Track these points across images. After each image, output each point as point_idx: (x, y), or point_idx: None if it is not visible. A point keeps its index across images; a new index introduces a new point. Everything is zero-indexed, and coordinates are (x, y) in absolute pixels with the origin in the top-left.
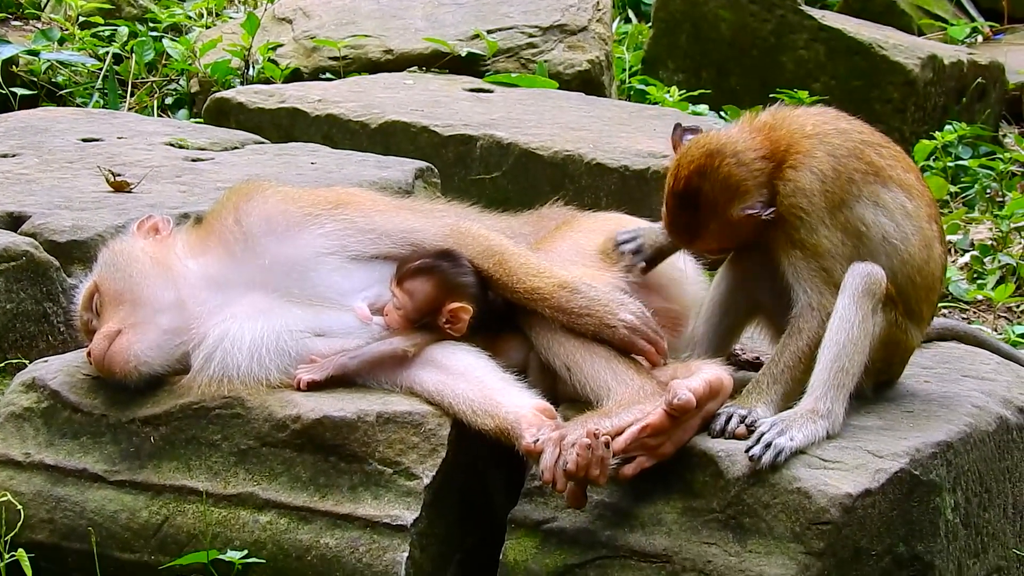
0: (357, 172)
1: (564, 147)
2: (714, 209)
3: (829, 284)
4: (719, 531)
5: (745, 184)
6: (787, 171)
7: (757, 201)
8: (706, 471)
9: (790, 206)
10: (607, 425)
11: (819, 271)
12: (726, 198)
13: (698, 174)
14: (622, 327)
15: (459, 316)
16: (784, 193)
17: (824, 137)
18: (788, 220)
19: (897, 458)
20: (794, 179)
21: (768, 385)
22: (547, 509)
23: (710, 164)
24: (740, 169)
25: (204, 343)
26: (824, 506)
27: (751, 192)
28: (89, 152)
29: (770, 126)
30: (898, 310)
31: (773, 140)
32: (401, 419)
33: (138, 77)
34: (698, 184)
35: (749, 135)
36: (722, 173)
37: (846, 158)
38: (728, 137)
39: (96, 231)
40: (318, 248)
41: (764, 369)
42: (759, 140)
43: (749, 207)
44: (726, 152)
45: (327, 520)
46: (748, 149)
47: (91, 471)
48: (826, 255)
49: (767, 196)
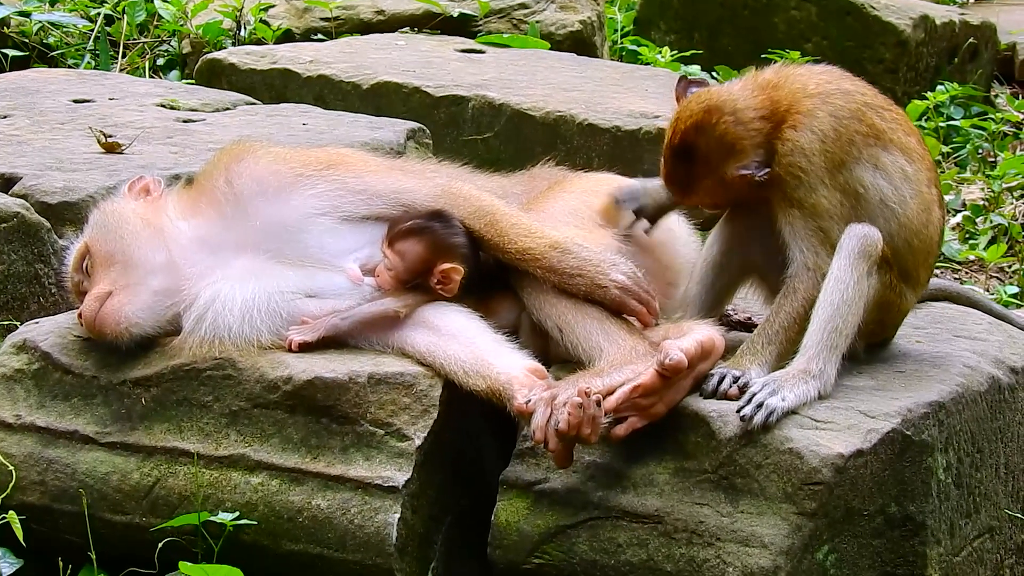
0: (349, 133)
1: (556, 108)
2: (709, 166)
3: (825, 244)
4: (711, 492)
5: (741, 143)
6: (787, 131)
7: (753, 161)
8: (698, 432)
9: (788, 165)
10: (599, 384)
11: (816, 231)
12: (721, 156)
13: (695, 129)
14: (613, 287)
15: (450, 277)
16: (782, 152)
17: (827, 97)
18: (786, 179)
19: (889, 418)
20: (793, 139)
21: (763, 346)
22: (539, 470)
23: (707, 121)
24: (737, 128)
25: (195, 304)
26: (816, 466)
27: (747, 152)
28: (80, 113)
29: (773, 84)
30: (893, 272)
31: (774, 99)
32: (392, 380)
33: (130, 38)
34: (694, 140)
35: (751, 93)
36: (719, 131)
37: (848, 119)
38: (729, 94)
39: (87, 192)
40: (309, 209)
41: (758, 330)
42: (760, 99)
43: (744, 167)
44: (724, 110)
45: (318, 481)
46: (748, 108)
47: (82, 433)
48: (824, 215)
49: (764, 156)
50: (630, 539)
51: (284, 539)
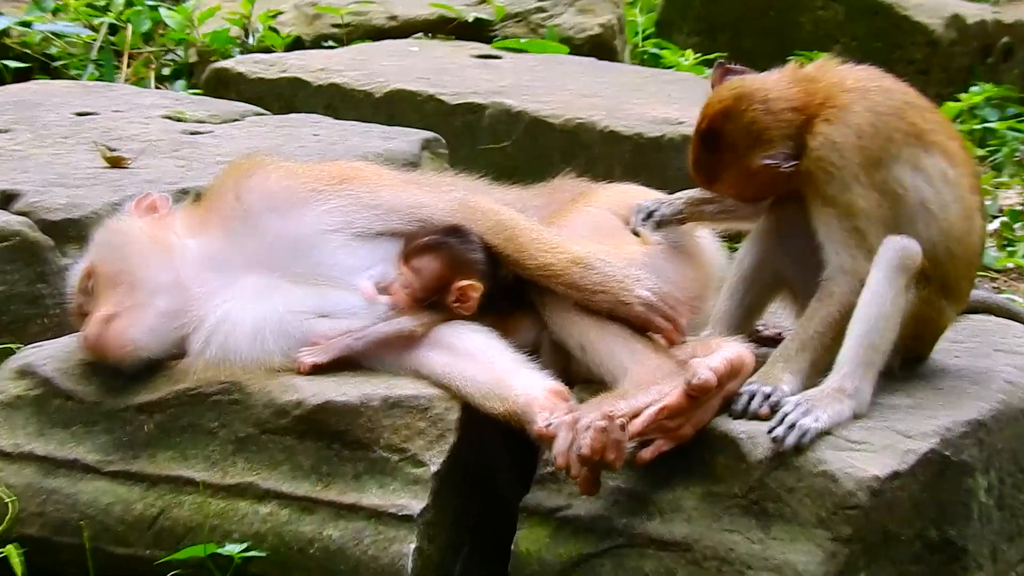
0: (361, 144)
1: (576, 115)
2: (735, 153)
3: (862, 247)
4: (741, 517)
5: (769, 133)
6: (819, 125)
7: (780, 152)
8: (727, 454)
9: (818, 159)
10: (623, 407)
11: (852, 231)
12: (747, 144)
13: (723, 116)
14: (638, 304)
15: (468, 294)
16: (813, 147)
17: (866, 92)
18: (817, 175)
19: (927, 438)
20: (826, 132)
21: (796, 352)
22: (561, 496)
23: (736, 107)
24: (766, 117)
25: (203, 326)
26: (851, 490)
27: (774, 142)
28: (84, 127)
29: (810, 78)
30: (932, 287)
31: (809, 92)
32: (407, 403)
33: (134, 48)
34: (722, 126)
35: (786, 84)
36: (747, 118)
37: (887, 116)
38: (762, 83)
39: (91, 209)
40: (322, 225)
41: (792, 335)
42: (794, 91)
43: (770, 157)
44: (755, 97)
45: (330, 511)
46: (780, 98)
47: (83, 462)
48: (860, 215)
49: (793, 148)
50: (657, 568)
51: (295, 571)
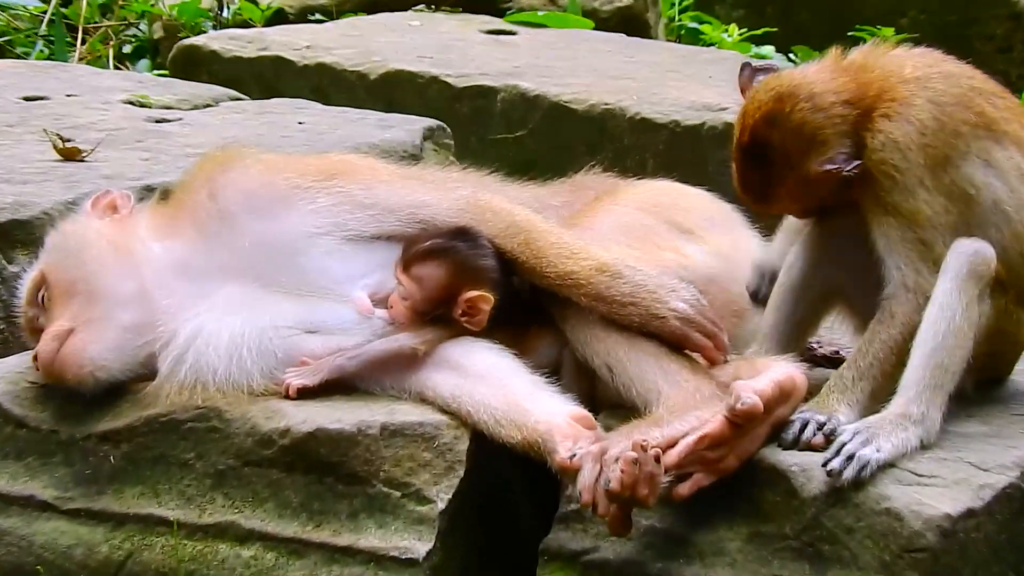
0: (354, 133)
1: (602, 100)
2: (788, 164)
3: (927, 260)
4: (793, 561)
5: (823, 133)
6: (878, 120)
7: (839, 153)
8: (776, 489)
9: (880, 162)
10: (657, 436)
11: (916, 243)
12: (800, 150)
13: (767, 122)
14: (673, 318)
15: (478, 307)
16: (873, 147)
17: (926, 81)
18: (878, 179)
19: (1005, 471)
20: (886, 130)
21: (853, 381)
22: (586, 537)
23: (780, 110)
24: (816, 115)
25: (173, 343)
26: (919, 530)
27: (830, 142)
28: (33, 113)
29: (859, 66)
30: (1009, 296)
31: (861, 83)
32: (410, 431)
33: (90, 21)
34: (767, 134)
35: (830, 75)
36: (795, 120)
37: (952, 107)
38: (804, 77)
39: (42, 208)
40: (309, 227)
41: (848, 362)
42: (842, 82)
43: (829, 160)
44: (799, 95)
45: (323, 554)
46: (827, 92)
47: (39, 498)
48: (926, 224)
49: (851, 148)
50: None
51: None
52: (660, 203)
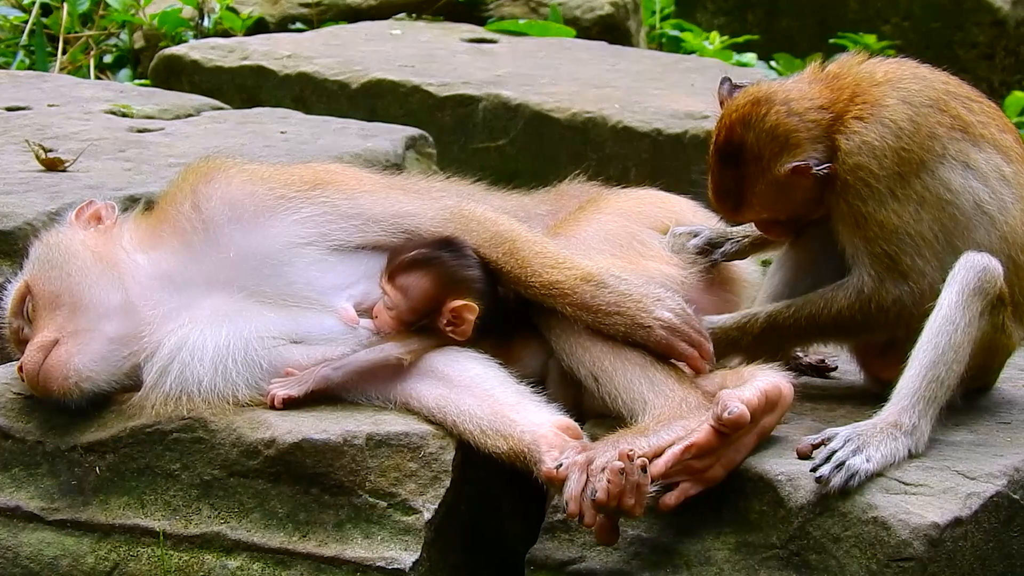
0: (336, 143)
1: (584, 108)
2: (759, 164)
3: (893, 272)
4: (780, 570)
5: (796, 135)
6: (851, 123)
7: (811, 156)
8: (763, 499)
9: (855, 167)
10: (643, 445)
11: (882, 257)
12: (772, 151)
13: (742, 124)
14: (659, 327)
15: (463, 316)
16: (847, 150)
17: (898, 83)
18: (851, 186)
19: (992, 479)
20: (860, 132)
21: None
22: (573, 547)
23: (755, 113)
24: (791, 118)
25: (158, 354)
26: (906, 539)
27: (802, 145)
28: (14, 123)
29: (834, 75)
30: (1007, 311)
31: (835, 89)
32: (396, 441)
33: (71, 31)
34: (742, 135)
35: (807, 84)
36: (768, 122)
37: (926, 108)
38: (780, 85)
39: (25, 219)
40: (293, 237)
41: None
42: (817, 89)
43: (799, 161)
44: (775, 100)
45: (309, 564)
46: (802, 98)
47: (25, 509)
48: (892, 237)
49: (824, 153)
50: None
51: None
52: (644, 211)
